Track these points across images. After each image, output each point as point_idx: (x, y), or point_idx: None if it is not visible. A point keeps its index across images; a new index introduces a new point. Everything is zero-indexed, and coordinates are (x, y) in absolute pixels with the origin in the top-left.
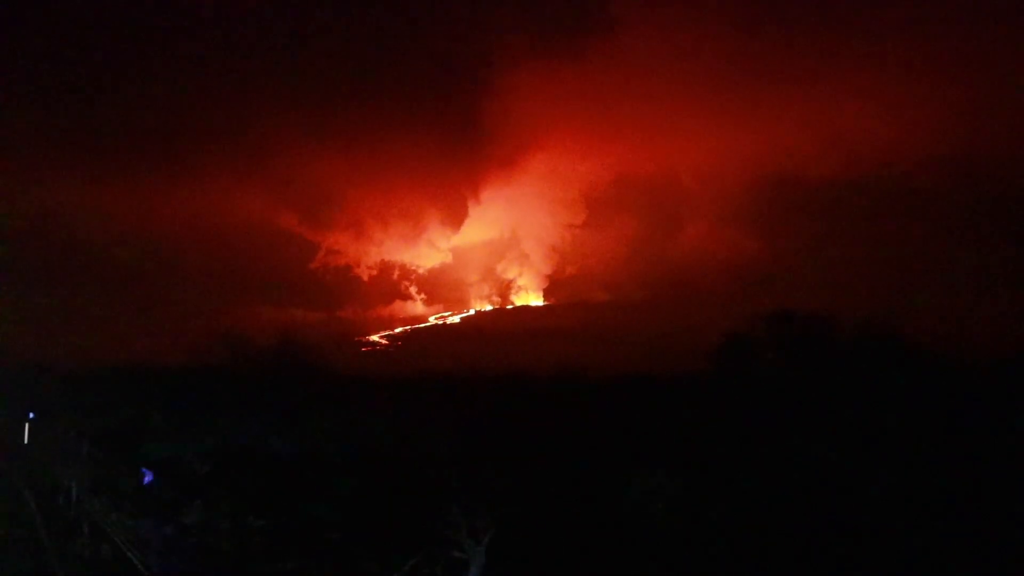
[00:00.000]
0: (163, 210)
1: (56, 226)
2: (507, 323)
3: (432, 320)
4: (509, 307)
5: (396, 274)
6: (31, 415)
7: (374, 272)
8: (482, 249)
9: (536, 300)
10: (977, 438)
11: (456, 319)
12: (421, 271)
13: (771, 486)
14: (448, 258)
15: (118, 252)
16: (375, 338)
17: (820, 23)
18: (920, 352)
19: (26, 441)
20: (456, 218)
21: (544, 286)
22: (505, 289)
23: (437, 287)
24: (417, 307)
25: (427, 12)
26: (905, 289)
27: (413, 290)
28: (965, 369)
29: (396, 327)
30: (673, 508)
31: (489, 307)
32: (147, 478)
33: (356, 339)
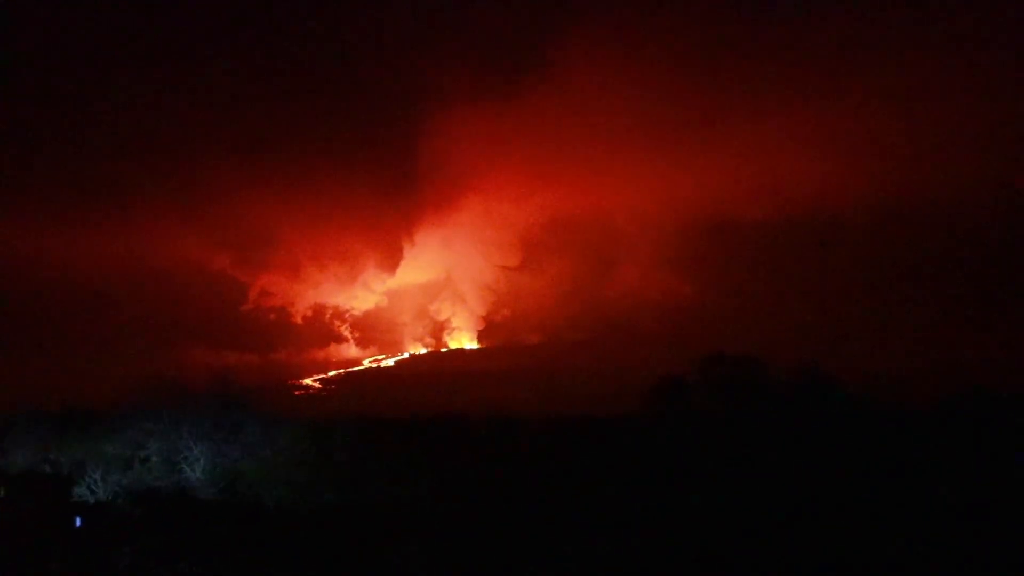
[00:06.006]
0: (93, 251)
1: None
2: (442, 366)
3: (366, 363)
4: (444, 350)
5: (329, 315)
6: None
7: (308, 314)
8: (417, 291)
9: (470, 342)
10: (905, 478)
11: (390, 362)
12: (356, 313)
13: (703, 523)
14: (383, 300)
15: (47, 293)
16: (308, 381)
17: (754, 69)
18: (849, 394)
19: None
20: (391, 260)
21: (479, 327)
22: (439, 331)
23: (371, 330)
24: (351, 350)
25: (360, 54)
26: (835, 332)
27: (347, 332)
28: (894, 411)
29: (330, 370)
30: (609, 548)
31: (424, 350)
32: (77, 523)
33: (289, 382)
